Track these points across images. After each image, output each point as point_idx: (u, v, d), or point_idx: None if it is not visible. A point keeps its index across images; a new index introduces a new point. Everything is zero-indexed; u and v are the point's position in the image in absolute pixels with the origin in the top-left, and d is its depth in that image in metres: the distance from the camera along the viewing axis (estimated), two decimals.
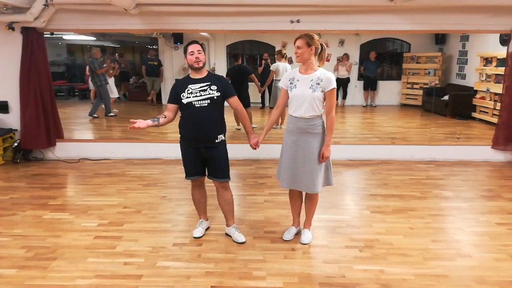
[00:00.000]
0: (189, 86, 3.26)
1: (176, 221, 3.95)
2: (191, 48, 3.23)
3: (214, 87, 3.26)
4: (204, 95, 3.24)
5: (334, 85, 3.13)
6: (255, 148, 3.40)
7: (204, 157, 3.37)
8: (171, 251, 3.34)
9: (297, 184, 3.31)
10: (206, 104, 3.23)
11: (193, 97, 3.23)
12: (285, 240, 3.50)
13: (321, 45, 3.21)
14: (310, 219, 3.58)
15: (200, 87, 3.25)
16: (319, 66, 3.24)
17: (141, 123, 3.14)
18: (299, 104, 3.18)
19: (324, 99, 3.18)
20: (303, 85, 3.17)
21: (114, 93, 10.45)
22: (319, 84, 3.13)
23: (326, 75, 3.15)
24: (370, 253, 3.30)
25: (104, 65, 9.66)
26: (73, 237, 3.57)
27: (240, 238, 3.50)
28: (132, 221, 3.92)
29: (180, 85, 3.30)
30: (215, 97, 3.25)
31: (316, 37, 3.18)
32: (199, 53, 3.23)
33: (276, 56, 8.29)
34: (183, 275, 2.97)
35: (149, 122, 3.20)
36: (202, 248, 3.39)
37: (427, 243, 3.47)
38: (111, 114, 10.07)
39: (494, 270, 3.05)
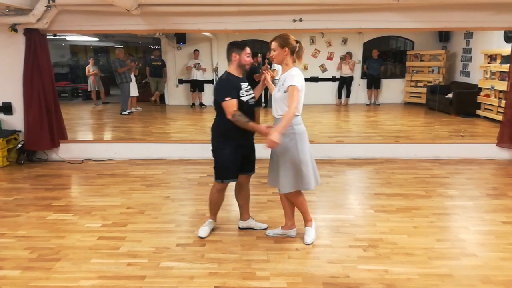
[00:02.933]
0: (241, 84, 3.29)
1: (179, 222, 3.95)
2: (248, 50, 3.30)
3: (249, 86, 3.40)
4: (251, 93, 3.36)
5: (292, 82, 3.04)
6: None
7: (245, 155, 3.42)
8: (175, 251, 3.33)
9: (273, 182, 3.37)
10: (253, 102, 3.37)
11: (246, 95, 3.29)
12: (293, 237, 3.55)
13: (298, 43, 3.19)
14: (304, 216, 3.51)
15: (247, 85, 3.36)
16: (294, 64, 3.21)
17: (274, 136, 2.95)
18: (273, 105, 3.25)
19: None
20: (277, 86, 3.23)
21: (133, 92, 10.67)
22: (283, 84, 3.13)
23: (290, 73, 3.12)
24: (374, 252, 3.28)
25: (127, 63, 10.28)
26: (76, 238, 3.58)
27: (264, 225, 3.73)
28: (136, 222, 3.92)
29: (236, 83, 3.28)
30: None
31: (291, 37, 3.17)
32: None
33: None
34: (186, 275, 2.97)
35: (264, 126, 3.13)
36: (205, 248, 3.38)
37: (432, 242, 3.45)
38: (125, 112, 10.20)
39: (500, 269, 3.03)
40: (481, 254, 3.24)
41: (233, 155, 3.32)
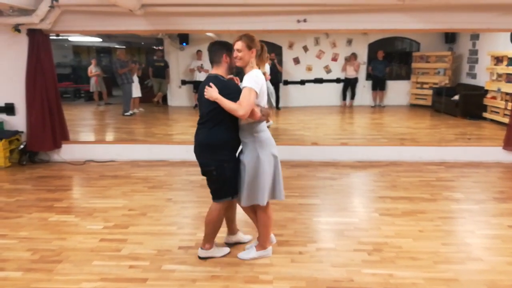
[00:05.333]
0: None
1: (181, 224, 3.92)
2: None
3: None
4: None
5: (247, 83, 2.83)
6: None
7: None
8: (177, 254, 3.31)
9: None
10: None
11: None
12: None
13: (262, 45, 3.01)
14: (261, 239, 3.25)
15: None
16: (253, 67, 2.98)
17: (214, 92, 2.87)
18: None
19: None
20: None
21: (135, 92, 10.69)
22: (242, 86, 2.90)
23: (249, 74, 2.88)
24: (378, 256, 3.24)
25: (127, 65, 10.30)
26: (78, 240, 3.56)
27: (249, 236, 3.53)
28: (137, 224, 3.89)
29: None
30: None
31: (256, 38, 2.97)
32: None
33: None
34: (188, 278, 2.94)
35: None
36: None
37: (437, 246, 3.41)
38: (127, 114, 10.22)
39: (506, 274, 2.99)
40: (487, 259, 3.20)
41: (237, 166, 3.05)
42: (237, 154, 3.11)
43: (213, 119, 2.92)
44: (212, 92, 2.85)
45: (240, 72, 3.02)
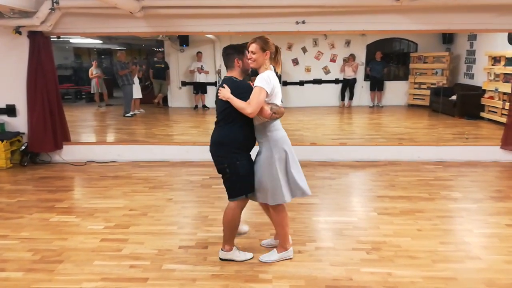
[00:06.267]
0: None
1: (182, 224, 3.94)
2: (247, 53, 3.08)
3: None
4: None
5: (258, 83, 2.88)
6: None
7: None
8: (177, 253, 3.33)
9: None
10: None
11: None
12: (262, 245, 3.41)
13: (276, 48, 3.06)
14: (281, 241, 3.23)
15: None
16: (267, 68, 3.01)
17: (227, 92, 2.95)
18: None
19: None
20: None
21: (136, 94, 10.73)
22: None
23: (261, 75, 2.92)
24: (377, 255, 3.27)
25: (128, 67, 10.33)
26: (79, 240, 3.58)
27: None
28: (138, 224, 3.92)
29: None
30: None
31: (271, 40, 3.02)
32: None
33: None
34: (189, 278, 2.97)
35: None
36: (208, 251, 3.37)
37: (436, 245, 3.43)
38: (128, 115, 10.27)
39: (504, 272, 3.01)
40: (485, 257, 3.23)
41: (251, 163, 3.10)
42: (252, 154, 3.14)
43: (226, 118, 3.01)
44: (224, 92, 2.94)
45: (257, 73, 3.06)
